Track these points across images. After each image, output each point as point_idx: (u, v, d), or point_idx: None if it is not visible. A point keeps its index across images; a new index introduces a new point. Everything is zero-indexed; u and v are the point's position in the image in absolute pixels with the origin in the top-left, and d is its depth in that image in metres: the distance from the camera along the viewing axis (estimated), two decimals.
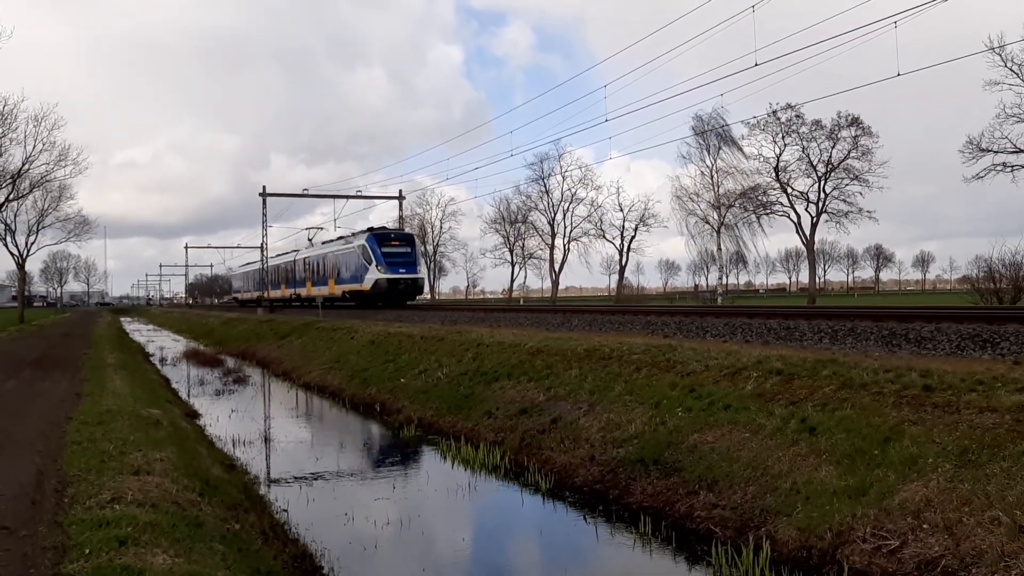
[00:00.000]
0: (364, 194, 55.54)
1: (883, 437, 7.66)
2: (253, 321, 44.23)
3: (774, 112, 51.59)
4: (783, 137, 53.48)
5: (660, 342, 13.58)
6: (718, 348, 12.13)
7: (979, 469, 6.63)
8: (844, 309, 18.58)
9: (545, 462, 11.07)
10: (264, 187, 52.68)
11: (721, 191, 54.29)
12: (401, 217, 55.97)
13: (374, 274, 37.85)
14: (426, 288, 50.91)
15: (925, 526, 6.38)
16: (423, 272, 40.37)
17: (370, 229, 41.59)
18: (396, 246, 38.82)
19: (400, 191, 56.36)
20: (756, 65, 20.11)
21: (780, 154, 53.88)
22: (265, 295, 59.85)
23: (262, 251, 56.64)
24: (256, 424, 16.88)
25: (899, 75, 19.03)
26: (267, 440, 15.04)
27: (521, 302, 62.41)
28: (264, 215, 52.93)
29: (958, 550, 5.98)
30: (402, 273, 37.99)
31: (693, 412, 10.10)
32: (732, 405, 9.75)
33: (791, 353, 10.95)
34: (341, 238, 46.18)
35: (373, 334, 24.41)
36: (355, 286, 40.02)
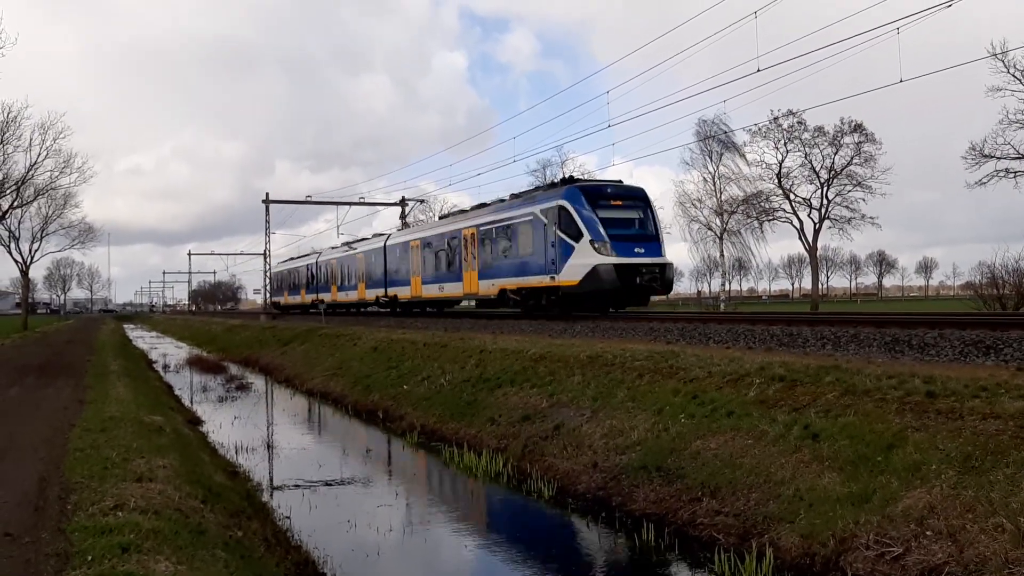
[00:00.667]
0: (367, 201, 55.74)
1: (886, 443, 7.64)
2: (256, 328, 44.29)
3: (775, 119, 51.67)
4: (785, 143, 53.56)
5: (663, 348, 13.57)
6: (721, 354, 12.12)
7: (983, 476, 6.61)
8: (847, 315, 18.57)
9: (548, 469, 11.06)
10: (267, 194, 52.87)
11: (724, 197, 54.40)
12: (404, 223, 56.12)
13: (588, 257, 20.97)
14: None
15: (929, 533, 6.36)
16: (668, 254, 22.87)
17: (567, 180, 24.51)
18: (621, 207, 22.26)
19: (403, 197, 56.52)
20: (759, 71, 20.14)
21: (782, 160, 53.95)
22: (321, 298, 46.96)
23: (265, 258, 56.58)
24: (259, 431, 16.90)
25: (902, 81, 19.04)
26: (270, 447, 15.05)
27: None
28: (267, 222, 53.10)
29: (962, 557, 5.96)
30: (641, 256, 21.23)
31: (696, 419, 10.09)
32: (735, 411, 9.73)
33: (794, 359, 10.94)
34: (484, 205, 29.05)
35: (376, 341, 24.42)
36: (540, 279, 23.04)
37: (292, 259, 57.22)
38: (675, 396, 10.96)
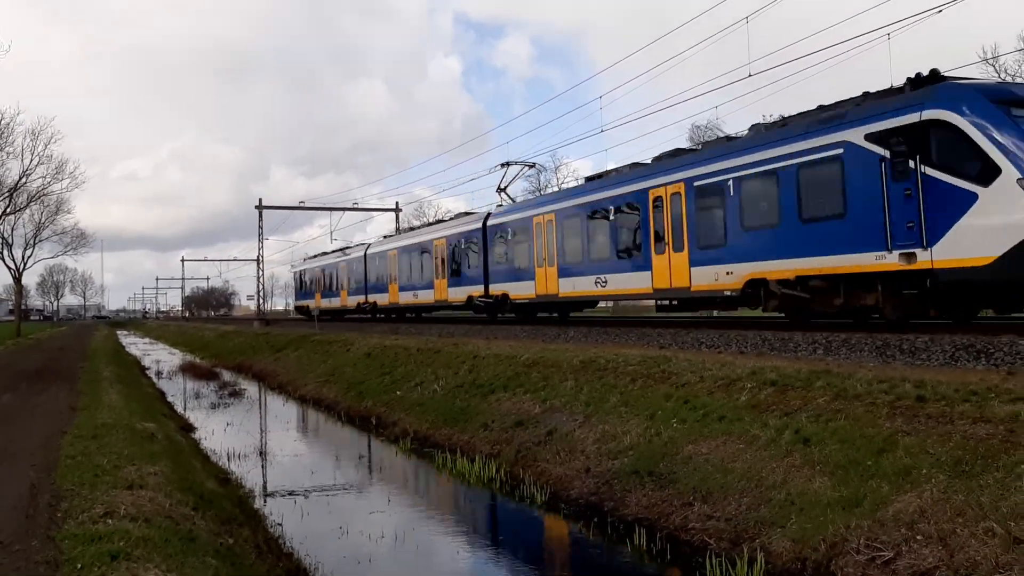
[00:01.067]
0: (361, 206, 55.74)
1: (877, 448, 7.67)
2: (249, 334, 44.18)
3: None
4: None
5: (655, 353, 13.59)
6: (713, 359, 12.14)
7: (973, 480, 6.64)
8: (839, 320, 18.58)
9: (541, 474, 11.05)
10: (260, 200, 52.90)
11: None
12: (398, 229, 56.11)
13: (1020, 210, 10.63)
14: None
15: (919, 537, 6.38)
16: None
17: (925, 78, 12.90)
18: None
19: (397, 203, 56.57)
20: (750, 76, 20.21)
21: None
22: (372, 300, 37.89)
23: (258, 264, 56.48)
24: (251, 438, 16.86)
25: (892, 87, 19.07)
26: (262, 454, 15.02)
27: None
28: (260, 228, 53.10)
29: (952, 561, 5.99)
30: None
31: (688, 423, 10.10)
32: (726, 416, 9.75)
33: (785, 364, 10.97)
34: (681, 152, 19.44)
35: (369, 347, 24.40)
36: (869, 259, 12.92)
37: (325, 254, 49.03)
38: (667, 401, 10.98)
